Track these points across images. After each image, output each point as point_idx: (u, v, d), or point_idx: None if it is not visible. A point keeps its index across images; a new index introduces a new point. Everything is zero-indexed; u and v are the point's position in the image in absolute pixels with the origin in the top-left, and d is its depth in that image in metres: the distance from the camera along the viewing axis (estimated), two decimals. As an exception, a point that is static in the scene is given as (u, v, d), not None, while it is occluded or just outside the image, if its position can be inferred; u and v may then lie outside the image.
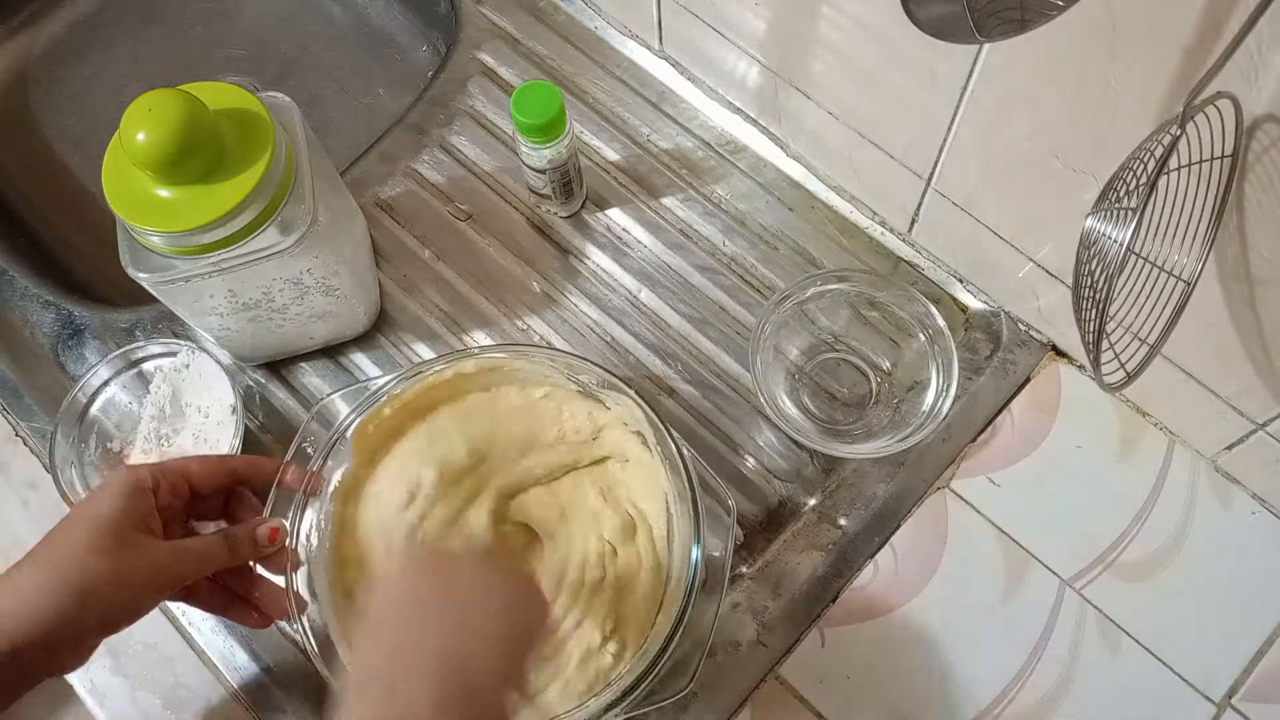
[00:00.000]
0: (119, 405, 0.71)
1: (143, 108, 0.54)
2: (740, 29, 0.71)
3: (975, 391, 0.70)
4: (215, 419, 0.69)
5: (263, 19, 0.94)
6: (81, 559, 0.51)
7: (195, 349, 0.71)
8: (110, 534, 0.52)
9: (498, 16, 0.84)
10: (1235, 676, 0.62)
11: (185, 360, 0.71)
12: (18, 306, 0.77)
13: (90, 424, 0.70)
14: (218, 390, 0.70)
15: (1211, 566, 0.65)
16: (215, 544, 0.56)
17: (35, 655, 0.50)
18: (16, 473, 0.71)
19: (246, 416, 0.70)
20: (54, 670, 0.53)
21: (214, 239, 0.57)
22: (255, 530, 0.58)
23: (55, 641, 0.50)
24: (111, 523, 0.53)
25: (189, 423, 0.70)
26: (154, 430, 0.69)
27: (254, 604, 0.59)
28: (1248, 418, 0.61)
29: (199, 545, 0.56)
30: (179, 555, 0.55)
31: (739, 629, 0.65)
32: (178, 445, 0.69)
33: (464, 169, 0.79)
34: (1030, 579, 0.65)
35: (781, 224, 0.75)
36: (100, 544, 0.52)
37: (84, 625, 0.51)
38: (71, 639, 0.51)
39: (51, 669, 0.52)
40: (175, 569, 0.54)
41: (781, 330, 0.69)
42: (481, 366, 0.64)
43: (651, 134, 0.79)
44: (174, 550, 0.55)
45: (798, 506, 0.68)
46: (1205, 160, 0.48)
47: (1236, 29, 0.41)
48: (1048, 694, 0.62)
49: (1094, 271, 0.47)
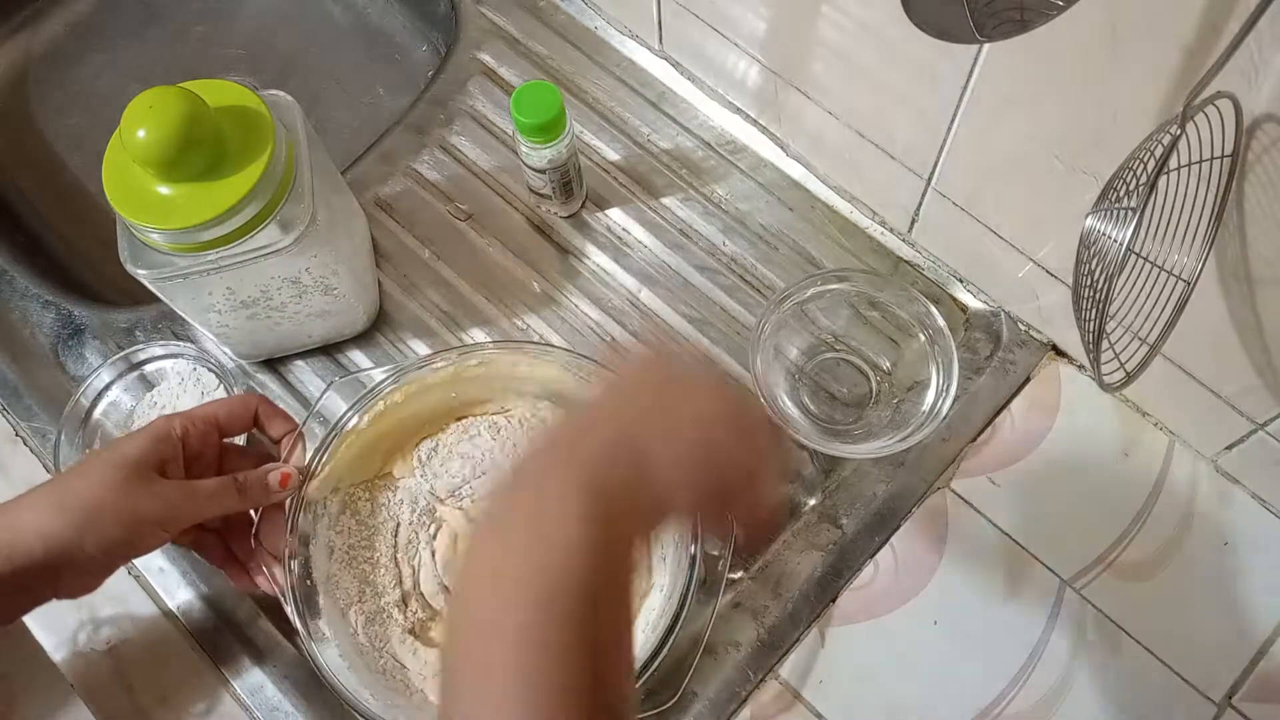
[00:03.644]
0: (121, 408, 0.71)
1: (143, 105, 0.54)
2: (740, 29, 0.71)
3: (975, 391, 0.70)
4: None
5: (263, 19, 0.94)
6: (90, 490, 0.53)
7: (196, 349, 0.71)
8: (123, 470, 0.54)
9: (498, 16, 0.84)
10: (1235, 676, 0.62)
11: (186, 362, 0.71)
12: (18, 306, 0.77)
13: (94, 428, 0.70)
14: (218, 392, 0.70)
15: (1211, 566, 0.65)
16: (225, 486, 0.57)
17: (37, 576, 0.51)
18: (16, 473, 0.71)
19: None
20: (59, 593, 0.54)
21: (213, 236, 0.57)
22: (267, 475, 0.59)
23: (57, 565, 0.52)
24: (129, 461, 0.54)
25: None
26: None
27: (248, 570, 0.60)
28: (1248, 418, 0.61)
29: (209, 485, 0.57)
30: (188, 494, 0.55)
31: (739, 629, 0.65)
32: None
33: (464, 169, 0.79)
34: (1030, 579, 0.65)
35: (781, 224, 0.75)
36: (112, 478, 0.53)
37: (84, 553, 0.52)
38: (71, 565, 0.52)
39: (55, 591, 0.54)
40: (183, 507, 0.55)
41: (781, 330, 0.69)
42: (480, 363, 0.64)
43: (651, 134, 0.79)
44: (183, 489, 0.55)
45: (798, 506, 0.68)
46: (1205, 160, 0.48)
47: (1236, 29, 0.41)
48: (1048, 694, 0.62)
49: (1094, 271, 0.47)
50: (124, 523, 0.53)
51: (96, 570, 0.54)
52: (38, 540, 0.51)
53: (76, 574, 0.53)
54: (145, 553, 0.56)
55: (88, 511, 0.52)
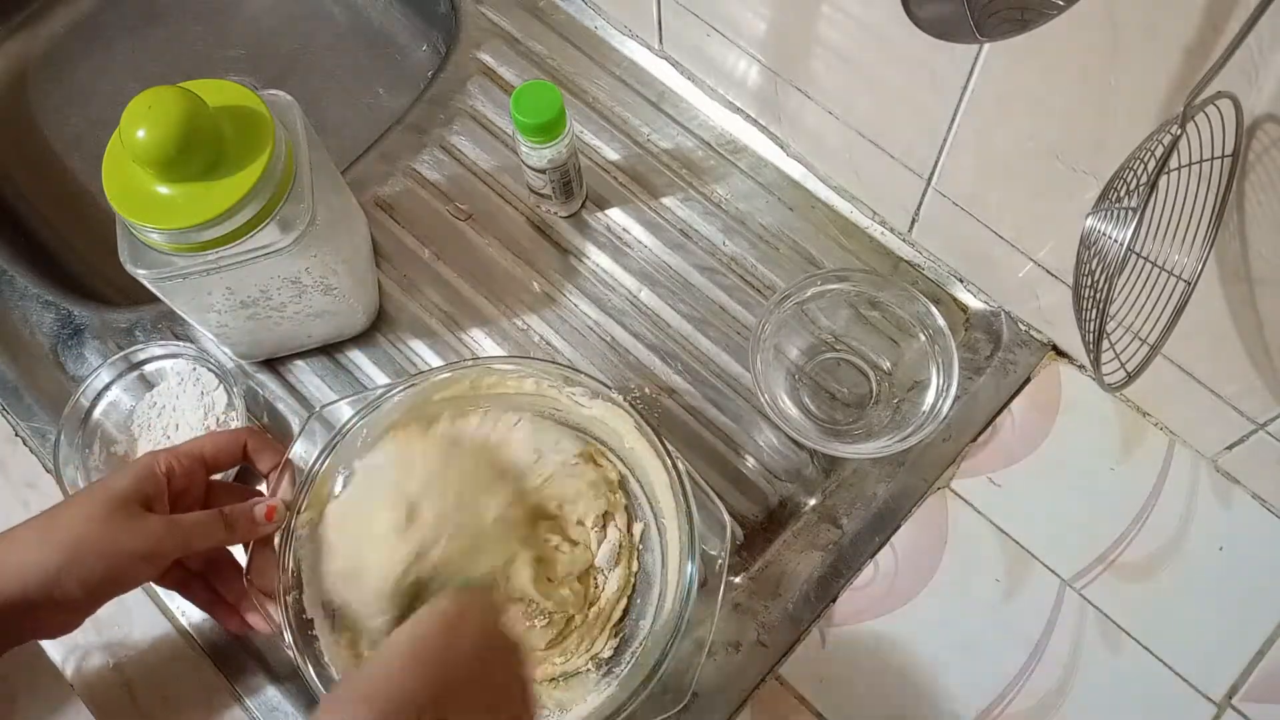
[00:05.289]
0: (121, 408, 0.71)
1: (143, 105, 0.54)
2: (740, 28, 0.71)
3: (975, 391, 0.70)
4: (215, 420, 0.69)
5: (263, 19, 0.94)
6: (73, 525, 0.52)
7: (195, 349, 0.71)
8: (108, 505, 0.53)
9: (498, 16, 0.84)
10: (1235, 676, 0.62)
11: (186, 362, 0.71)
12: (17, 306, 0.77)
13: (94, 428, 0.70)
14: (218, 392, 0.70)
15: (1211, 566, 0.65)
16: (212, 519, 0.57)
17: (15, 614, 0.51)
18: (16, 472, 0.71)
19: (249, 417, 0.70)
20: (38, 633, 0.53)
21: (213, 236, 0.57)
22: (254, 508, 0.58)
23: (35, 603, 0.51)
24: (114, 497, 0.54)
25: (190, 424, 0.69)
26: (157, 432, 0.69)
27: (238, 611, 0.60)
28: (1248, 418, 0.61)
29: (194, 519, 0.56)
30: (172, 527, 0.55)
31: (739, 629, 0.65)
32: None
33: (464, 169, 0.79)
34: (1030, 579, 0.65)
35: (781, 224, 0.75)
36: (96, 514, 0.53)
37: (64, 590, 0.51)
38: (51, 603, 0.52)
39: (35, 630, 0.53)
40: (168, 541, 0.55)
41: (781, 330, 0.69)
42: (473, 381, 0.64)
43: (651, 134, 0.79)
44: (168, 523, 0.55)
45: (798, 507, 0.68)
46: (1206, 160, 0.48)
47: (1236, 29, 0.41)
48: (1048, 694, 0.62)
49: (1094, 271, 0.47)
50: (107, 557, 0.52)
51: (77, 608, 0.53)
52: (17, 577, 0.51)
53: (57, 611, 0.53)
54: (129, 589, 0.55)
55: (70, 546, 0.52)
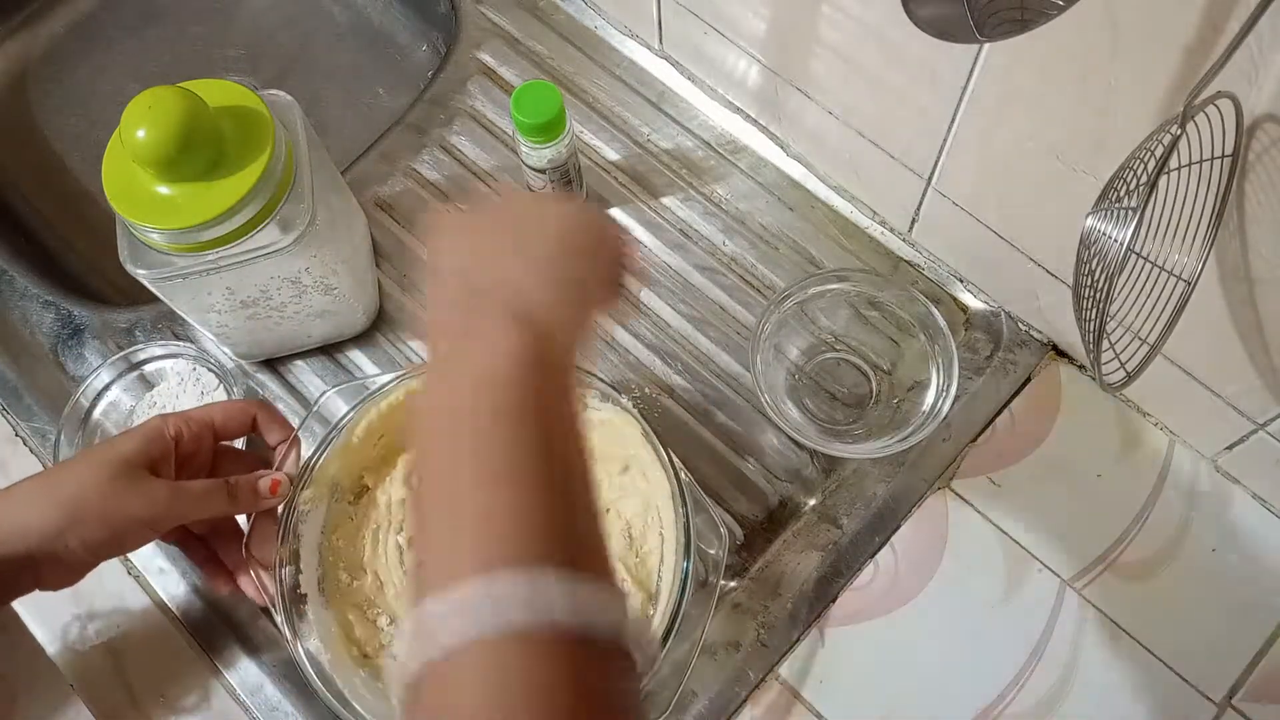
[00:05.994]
0: (121, 408, 0.71)
1: (143, 105, 0.54)
2: (740, 28, 0.71)
3: (975, 391, 0.70)
4: (215, 418, 0.69)
5: (263, 19, 0.94)
6: (77, 486, 0.53)
7: (195, 349, 0.71)
8: (113, 467, 0.53)
9: (498, 16, 0.84)
10: (1235, 676, 0.62)
11: (186, 362, 0.71)
12: (17, 306, 0.77)
13: (94, 428, 0.70)
14: (218, 392, 0.70)
15: (1211, 566, 0.65)
16: (215, 488, 0.57)
17: (19, 568, 0.51)
18: (16, 473, 0.71)
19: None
20: (41, 584, 0.54)
21: (213, 236, 0.57)
22: (258, 481, 0.58)
23: (37, 559, 0.52)
24: (120, 459, 0.54)
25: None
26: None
27: (231, 576, 0.60)
28: (1248, 418, 0.61)
29: (198, 487, 0.56)
30: (176, 494, 0.55)
31: (739, 629, 0.65)
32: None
33: (464, 169, 0.79)
34: (1030, 579, 0.65)
35: (781, 224, 0.75)
36: (100, 475, 0.53)
37: (67, 549, 0.52)
38: (53, 559, 0.52)
39: (37, 583, 0.54)
40: (171, 507, 0.55)
41: (781, 330, 0.69)
42: None
43: (651, 134, 0.79)
44: (172, 489, 0.55)
45: (798, 507, 0.68)
46: (1205, 160, 0.48)
47: (1236, 29, 0.41)
48: (1048, 694, 0.62)
49: (1094, 271, 0.47)
50: (109, 520, 0.53)
51: (79, 565, 0.54)
52: (20, 533, 0.51)
53: (59, 568, 0.53)
54: (131, 550, 0.56)
55: (73, 507, 0.52)
